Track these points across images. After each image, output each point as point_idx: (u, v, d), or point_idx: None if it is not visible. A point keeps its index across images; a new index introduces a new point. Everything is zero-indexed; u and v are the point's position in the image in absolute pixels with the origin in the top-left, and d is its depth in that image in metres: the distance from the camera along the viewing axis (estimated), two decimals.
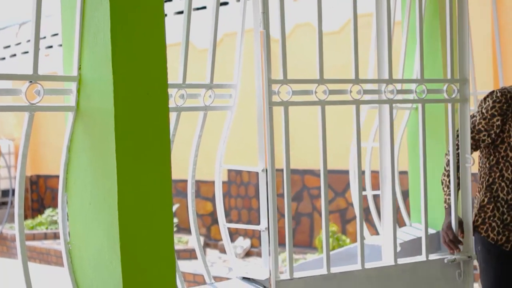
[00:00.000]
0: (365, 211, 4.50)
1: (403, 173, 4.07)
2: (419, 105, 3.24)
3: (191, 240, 10.42)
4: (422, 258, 3.21)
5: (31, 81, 2.12)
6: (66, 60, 2.28)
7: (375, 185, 3.51)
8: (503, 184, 3.15)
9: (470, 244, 3.27)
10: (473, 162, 3.30)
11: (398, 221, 3.63)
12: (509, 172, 3.14)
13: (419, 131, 3.24)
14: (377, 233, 3.50)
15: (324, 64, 2.97)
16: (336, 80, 3.00)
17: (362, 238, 3.06)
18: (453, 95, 3.30)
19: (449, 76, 3.31)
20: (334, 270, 2.92)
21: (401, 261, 3.13)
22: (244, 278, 2.77)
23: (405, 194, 4.07)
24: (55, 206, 13.53)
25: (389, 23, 3.18)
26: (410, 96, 3.28)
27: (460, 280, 3.25)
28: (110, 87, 2.10)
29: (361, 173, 3.20)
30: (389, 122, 3.15)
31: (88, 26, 2.18)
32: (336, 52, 6.46)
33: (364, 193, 3.52)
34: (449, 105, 3.29)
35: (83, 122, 2.21)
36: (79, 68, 2.20)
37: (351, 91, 2.96)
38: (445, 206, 3.27)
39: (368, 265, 3.02)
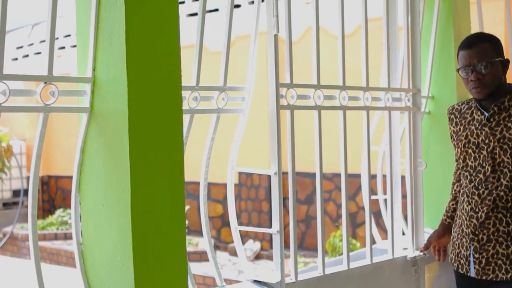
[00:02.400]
0: (376, 215, 4.50)
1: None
2: (386, 112, 3.40)
3: (202, 242, 10.43)
4: (389, 256, 3.37)
5: (45, 82, 2.12)
6: (80, 62, 2.28)
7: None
8: (462, 197, 3.11)
9: (421, 242, 3.51)
10: (425, 166, 3.51)
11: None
12: (466, 182, 3.07)
13: (388, 136, 3.40)
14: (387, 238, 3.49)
15: (336, 67, 3.02)
16: (330, 86, 3.08)
17: (348, 234, 3.07)
18: (409, 104, 3.51)
19: (406, 86, 3.52)
20: (328, 271, 3.03)
21: (375, 259, 3.29)
22: (255, 281, 2.77)
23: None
24: (65, 206, 13.59)
25: (366, 29, 3.32)
26: (382, 104, 3.40)
27: (416, 276, 3.48)
28: (124, 88, 2.10)
29: (370, 177, 3.27)
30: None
31: (103, 27, 2.18)
32: (349, 55, 6.45)
33: (375, 197, 3.52)
34: (406, 113, 3.52)
35: (97, 123, 2.21)
36: (94, 70, 2.21)
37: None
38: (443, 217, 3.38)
39: (352, 265, 3.15)
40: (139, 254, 2.12)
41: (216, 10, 11.20)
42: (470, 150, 3.01)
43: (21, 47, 15.51)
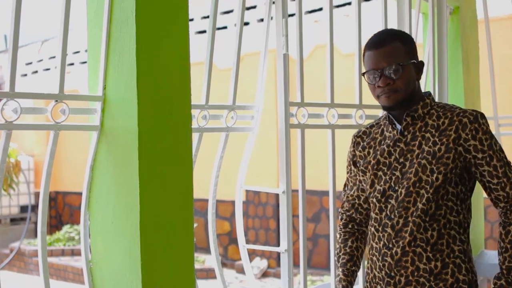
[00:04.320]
0: None
1: None
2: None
3: (209, 260, 10.42)
4: None
5: (56, 100, 2.14)
6: (91, 80, 2.30)
7: None
8: (370, 234, 2.50)
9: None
10: None
11: None
12: (375, 212, 2.45)
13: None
14: None
15: (346, 86, 3.03)
16: (346, 104, 3.08)
17: None
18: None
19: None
20: None
21: None
22: None
23: None
24: (73, 222, 13.60)
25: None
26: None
27: None
28: (135, 107, 2.12)
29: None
30: None
31: (114, 47, 2.20)
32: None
33: None
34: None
35: (107, 141, 2.23)
36: (104, 88, 2.22)
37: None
38: None
39: None
40: (148, 272, 2.12)
41: (225, 27, 11.26)
42: (380, 173, 2.42)
43: (31, 63, 15.59)
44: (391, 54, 2.32)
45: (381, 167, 2.41)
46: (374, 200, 2.42)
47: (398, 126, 2.41)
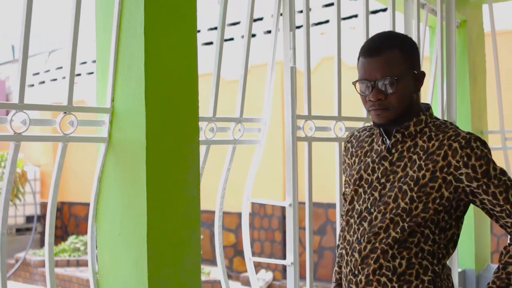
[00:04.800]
0: None
1: None
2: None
3: (214, 271, 10.41)
4: None
5: (65, 112, 2.15)
6: (99, 91, 2.31)
7: None
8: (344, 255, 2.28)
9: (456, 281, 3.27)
10: None
11: None
12: (350, 234, 2.22)
13: None
14: None
15: (352, 98, 3.05)
16: (353, 118, 3.08)
17: None
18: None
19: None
20: None
21: None
22: None
23: None
24: (78, 233, 13.60)
25: None
26: None
27: None
28: (143, 119, 2.13)
29: None
30: None
31: (122, 58, 2.21)
32: None
33: None
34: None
35: (115, 153, 2.24)
36: (112, 100, 2.23)
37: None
38: None
39: None
40: (154, 284, 2.12)
41: (231, 39, 11.29)
42: (360, 190, 2.20)
43: (38, 73, 15.65)
44: (387, 64, 2.05)
45: (362, 183, 2.19)
46: (351, 220, 2.20)
47: (387, 141, 2.17)
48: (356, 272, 2.14)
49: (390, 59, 2.05)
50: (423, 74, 2.14)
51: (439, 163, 2.05)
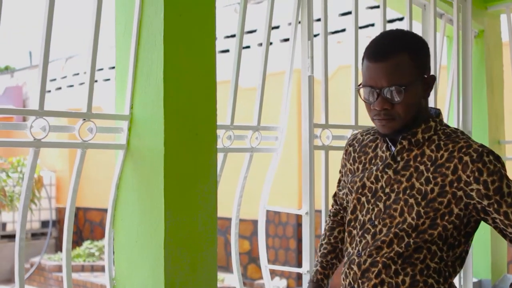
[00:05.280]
0: None
1: None
2: None
3: (228, 278, 10.41)
4: None
5: (84, 119, 2.17)
6: (118, 99, 2.33)
7: None
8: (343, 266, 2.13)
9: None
10: None
11: None
12: (351, 245, 2.06)
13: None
14: None
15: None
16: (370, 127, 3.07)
17: None
18: None
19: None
20: None
21: None
22: None
23: None
24: (93, 238, 13.65)
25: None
26: None
27: None
28: (161, 127, 2.14)
29: None
30: None
31: (142, 66, 2.23)
32: None
33: None
34: None
35: (133, 160, 2.25)
36: (131, 107, 2.25)
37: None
38: None
39: None
40: None
41: (248, 47, 11.31)
42: (363, 199, 2.03)
43: (54, 79, 15.74)
44: (394, 71, 1.85)
45: (366, 192, 2.02)
46: (354, 231, 2.03)
47: (393, 148, 1.99)
48: (356, 286, 1.98)
49: (398, 65, 1.85)
50: (433, 78, 1.94)
51: (448, 177, 1.88)
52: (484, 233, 4.25)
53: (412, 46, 1.89)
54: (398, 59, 1.85)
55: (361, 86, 1.92)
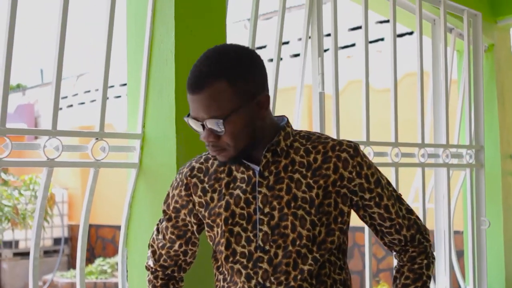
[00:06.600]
0: None
1: (456, 233, 4.05)
2: (444, 169, 3.51)
3: None
4: None
5: (97, 138, 2.18)
6: (130, 117, 2.34)
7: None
8: None
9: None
10: (489, 224, 3.47)
11: (452, 283, 3.60)
12: (240, 280, 1.83)
13: (447, 194, 3.45)
14: None
15: (378, 122, 3.07)
16: (381, 142, 3.14)
17: None
18: (470, 161, 3.59)
19: (467, 143, 3.59)
20: None
21: None
22: None
23: (459, 254, 4.06)
24: (105, 255, 13.65)
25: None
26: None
27: None
28: (173, 145, 2.15)
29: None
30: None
31: (153, 85, 2.24)
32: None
33: None
34: (467, 170, 3.58)
35: (145, 178, 2.26)
36: (143, 126, 2.26)
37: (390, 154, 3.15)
38: None
39: None
40: None
41: None
42: (237, 228, 1.81)
43: (66, 97, 15.82)
44: (212, 102, 1.67)
45: (237, 220, 1.80)
46: (239, 266, 1.80)
47: (254, 166, 1.80)
48: None
49: (215, 95, 1.66)
50: (266, 98, 1.74)
51: (331, 177, 1.78)
52: (498, 245, 4.23)
53: (231, 72, 1.68)
54: (214, 88, 1.66)
55: (187, 117, 1.74)
